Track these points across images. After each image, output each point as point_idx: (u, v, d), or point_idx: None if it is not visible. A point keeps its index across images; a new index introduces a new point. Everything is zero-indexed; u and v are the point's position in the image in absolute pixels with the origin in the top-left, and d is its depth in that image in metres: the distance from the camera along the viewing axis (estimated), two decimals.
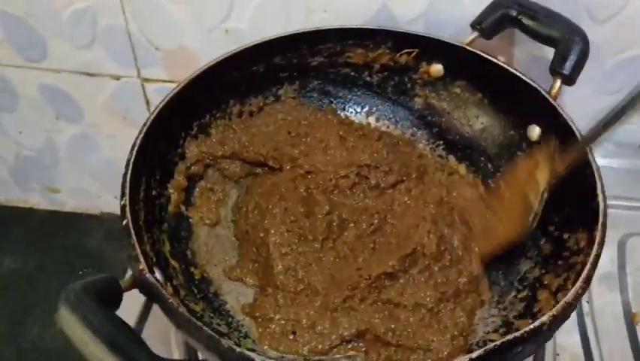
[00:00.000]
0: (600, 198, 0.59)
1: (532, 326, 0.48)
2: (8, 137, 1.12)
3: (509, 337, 0.47)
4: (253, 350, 0.61)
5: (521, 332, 0.47)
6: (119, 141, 1.09)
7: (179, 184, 0.73)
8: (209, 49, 0.90)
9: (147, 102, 1.01)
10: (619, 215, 0.86)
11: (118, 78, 0.99)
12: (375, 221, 0.73)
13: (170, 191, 0.71)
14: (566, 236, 0.64)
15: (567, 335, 0.76)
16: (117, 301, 0.50)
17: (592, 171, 0.61)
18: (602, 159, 0.68)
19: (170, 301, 0.51)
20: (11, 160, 1.17)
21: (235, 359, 0.47)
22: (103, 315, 0.44)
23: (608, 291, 0.81)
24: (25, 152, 1.15)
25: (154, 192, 0.68)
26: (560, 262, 0.62)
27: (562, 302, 0.50)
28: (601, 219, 0.57)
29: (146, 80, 0.99)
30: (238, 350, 0.47)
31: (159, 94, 0.70)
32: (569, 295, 0.51)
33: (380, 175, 0.76)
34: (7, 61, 0.99)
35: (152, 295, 0.53)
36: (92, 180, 1.18)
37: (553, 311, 0.49)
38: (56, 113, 1.07)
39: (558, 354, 0.73)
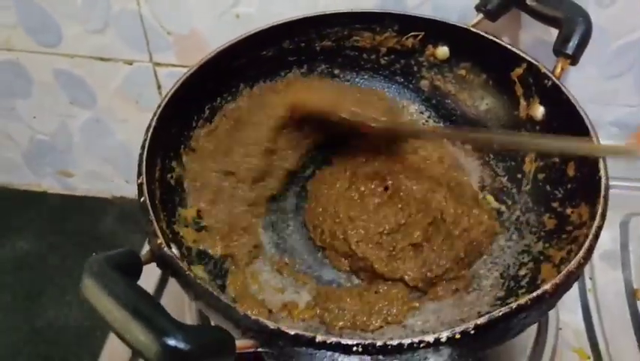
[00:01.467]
0: (602, 173, 0.60)
1: (535, 294, 0.49)
2: (22, 122, 1.13)
3: (513, 305, 0.49)
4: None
5: (525, 299, 0.49)
6: (131, 126, 1.10)
7: None
8: (219, 33, 0.90)
9: (159, 87, 1.03)
10: (622, 195, 0.88)
11: (130, 63, 1.00)
12: (390, 183, 0.75)
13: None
14: (569, 211, 0.65)
15: (570, 311, 0.78)
16: (137, 273, 0.52)
17: None
18: (605, 140, 0.69)
19: (187, 273, 0.52)
20: (25, 145, 1.18)
21: (250, 326, 0.48)
22: (125, 284, 0.46)
23: (610, 269, 0.82)
24: (39, 136, 1.16)
25: (169, 174, 0.70)
26: (563, 236, 0.64)
27: (564, 271, 0.52)
28: (602, 193, 0.59)
29: (158, 64, 1.00)
30: (253, 317, 0.48)
31: (170, 79, 0.71)
32: (572, 264, 0.52)
33: None
34: (22, 46, 1.01)
35: (170, 268, 0.54)
36: (105, 165, 1.19)
37: (556, 280, 0.51)
38: (70, 98, 1.08)
39: (561, 328, 0.75)
